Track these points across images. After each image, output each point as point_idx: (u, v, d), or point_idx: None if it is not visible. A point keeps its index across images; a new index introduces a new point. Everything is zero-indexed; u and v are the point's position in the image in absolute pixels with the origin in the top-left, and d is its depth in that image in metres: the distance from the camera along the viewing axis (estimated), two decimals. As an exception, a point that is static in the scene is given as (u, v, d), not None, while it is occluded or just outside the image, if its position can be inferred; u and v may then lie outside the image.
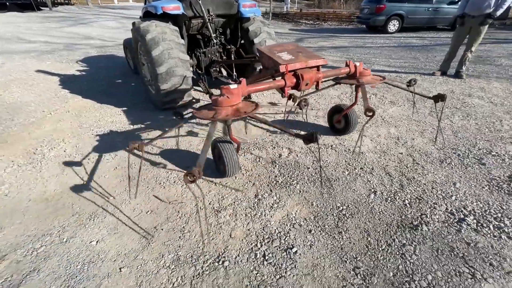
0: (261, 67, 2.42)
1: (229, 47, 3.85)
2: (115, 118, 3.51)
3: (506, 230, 1.71)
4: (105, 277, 1.49)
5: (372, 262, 1.54)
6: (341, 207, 1.96)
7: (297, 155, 2.63)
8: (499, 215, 1.83)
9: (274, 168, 2.44)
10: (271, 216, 1.90)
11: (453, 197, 2.00)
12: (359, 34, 11.53)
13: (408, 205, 1.96)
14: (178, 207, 2.01)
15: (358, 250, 1.62)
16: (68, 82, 4.88)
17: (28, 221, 1.90)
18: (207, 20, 3.53)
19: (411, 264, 1.52)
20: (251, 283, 1.45)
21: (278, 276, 1.48)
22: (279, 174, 2.35)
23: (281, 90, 2.17)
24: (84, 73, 5.52)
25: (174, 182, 2.29)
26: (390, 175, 2.28)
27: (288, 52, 2.26)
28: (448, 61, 5.03)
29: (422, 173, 2.30)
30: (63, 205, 2.05)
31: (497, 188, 2.08)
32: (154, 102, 3.65)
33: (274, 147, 2.77)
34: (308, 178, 2.28)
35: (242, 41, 4.08)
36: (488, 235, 1.68)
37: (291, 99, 2.64)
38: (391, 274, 1.47)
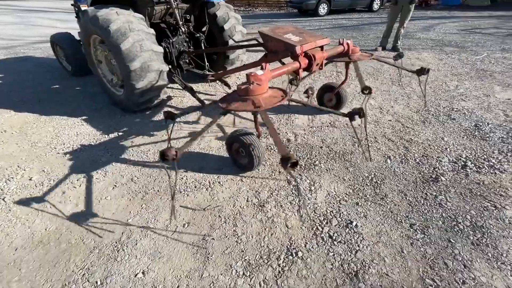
0: (266, 51, 2.31)
1: (198, 35, 3.55)
2: (78, 130, 2.91)
3: (496, 166, 2.12)
4: (179, 307, 1.28)
5: (421, 217, 1.72)
6: (370, 176, 2.10)
7: (304, 137, 2.67)
8: (485, 156, 2.25)
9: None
10: (315, 198, 1.91)
11: (448, 149, 2.36)
12: (293, 18, 12.05)
13: (420, 162, 2.22)
14: (216, 211, 1.84)
15: (405, 209, 1.78)
16: (-16, 95, 3.78)
17: (30, 274, 1.46)
18: (174, 6, 3.15)
19: (450, 209, 1.76)
20: (333, 264, 1.46)
21: (354, 251, 1.52)
22: (299, 158, 2.35)
23: (294, 73, 2.14)
24: (1, 81, 4.33)
25: (195, 187, 2.06)
26: (392, 141, 2.54)
27: (293, 33, 2.22)
28: (386, 37, 5.73)
29: (415, 134, 2.62)
30: (70, 243, 1.64)
31: (472, 136, 2.54)
32: (124, 105, 3.14)
33: (279, 134, 2.74)
34: (327, 156, 2.35)
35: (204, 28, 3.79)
36: (488, 174, 2.05)
37: (291, 83, 2.64)
38: (441, 222, 1.67)
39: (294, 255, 1.52)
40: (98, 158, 2.43)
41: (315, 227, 1.69)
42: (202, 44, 3.60)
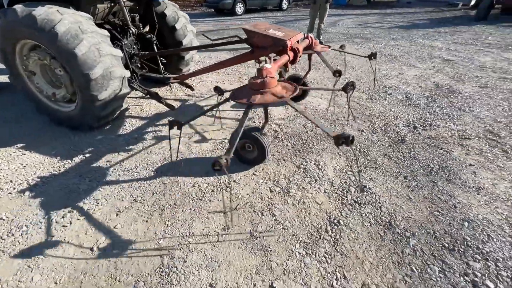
0: (252, 47, 2.35)
1: (149, 36, 3.25)
2: (23, 161, 2.30)
3: (432, 124, 2.81)
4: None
5: (408, 170, 2.17)
6: (357, 148, 2.47)
7: (287, 126, 2.86)
8: (423, 118, 2.95)
9: (283, 142, 2.59)
10: (327, 174, 2.14)
11: (398, 117, 2.98)
12: (211, 17, 12.08)
13: (385, 130, 2.73)
14: (248, 207, 1.84)
15: (395, 167, 2.20)
16: None
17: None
18: (123, 5, 2.80)
19: (422, 160, 2.27)
20: (370, 222, 1.71)
21: (379, 207, 1.82)
22: (293, 144, 2.53)
23: (284, 66, 2.29)
24: None
25: (213, 191, 1.98)
26: (357, 117, 3.01)
27: (273, 29, 2.35)
28: (310, 31, 6.50)
29: (371, 109, 3.18)
30: (100, 286, 1.36)
31: (408, 105, 3.27)
32: (78, 122, 2.63)
33: (263, 126, 2.85)
34: (315, 138, 2.62)
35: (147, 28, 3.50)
36: (431, 130, 2.71)
37: (280, 75, 2.79)
38: (422, 170, 2.16)
39: (337, 224, 1.70)
40: (75, 188, 2.01)
41: (340, 197, 1.92)
42: (155, 46, 3.32)
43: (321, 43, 6.23)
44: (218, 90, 2.39)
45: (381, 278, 1.39)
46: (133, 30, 3.09)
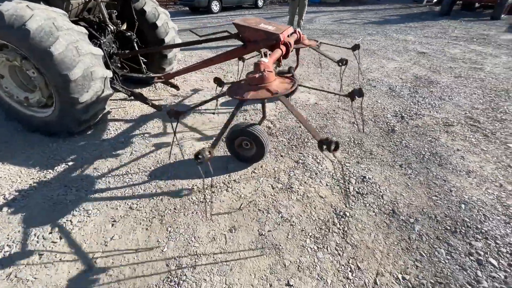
0: (243, 42, 2.27)
1: (129, 34, 3.07)
2: (-4, 174, 2.06)
3: (418, 113, 2.93)
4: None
5: (402, 158, 2.23)
6: (351, 140, 2.50)
7: (280, 122, 2.84)
8: (408, 108, 3.06)
9: (278, 138, 2.56)
10: (326, 167, 2.14)
11: (386, 108, 3.07)
12: (187, 16, 11.77)
13: (376, 121, 2.80)
14: (252, 206, 1.79)
15: (389, 156, 2.25)
16: None
17: None
18: (100, 0, 2.60)
19: (414, 148, 2.35)
20: (374, 211, 1.73)
21: (381, 196, 1.85)
22: (289, 140, 2.51)
23: (277, 60, 2.26)
24: None
25: (213, 193, 1.91)
26: (346, 110, 3.05)
27: (264, 23, 2.30)
28: (290, 28, 6.53)
29: (358, 101, 3.24)
30: (104, 304, 1.25)
31: (392, 96, 3.38)
32: (56, 127, 2.42)
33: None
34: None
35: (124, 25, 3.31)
36: (417, 119, 2.82)
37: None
38: (415, 158, 2.23)
39: (344, 216, 1.71)
40: (61, 199, 1.84)
41: (342, 189, 1.93)
42: (135, 44, 3.14)
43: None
44: (218, 82, 2.32)
45: (393, 266, 1.41)
46: (112, 27, 2.89)
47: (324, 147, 1.22)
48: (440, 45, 5.64)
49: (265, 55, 1.87)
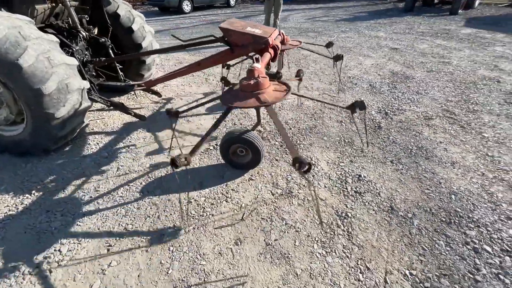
0: (230, 46, 2.20)
1: (103, 40, 2.87)
2: (-38, 205, 1.82)
3: (400, 108, 3.06)
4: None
5: (392, 154, 2.31)
6: (342, 139, 2.55)
7: (270, 124, 2.82)
8: (390, 103, 3.19)
9: (270, 141, 2.54)
10: (322, 168, 2.16)
11: (369, 105, 3.17)
12: (157, 17, 11.35)
13: (361, 119, 2.89)
14: (255, 215, 1.75)
15: (380, 153, 2.33)
16: None
17: None
18: (68, 5, 2.39)
19: (401, 143, 2.45)
20: (374, 209, 1.77)
21: (377, 194, 1.90)
22: (281, 143, 2.50)
23: (267, 64, 2.23)
24: None
25: (212, 204, 1.84)
26: (333, 109, 3.11)
27: (251, 26, 2.26)
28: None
29: (342, 100, 3.32)
30: None
31: (373, 92, 3.50)
32: (28, 146, 2.20)
33: (262, 131, 2.76)
34: (300, 134, 2.63)
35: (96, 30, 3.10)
36: (400, 114, 2.94)
37: None
38: (403, 153, 2.32)
39: (346, 217, 1.73)
40: (45, 227, 1.67)
41: (341, 190, 1.96)
42: (111, 51, 2.95)
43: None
44: (225, 81, 2.27)
45: (399, 263, 1.45)
46: (84, 34, 2.69)
47: (297, 165, 1.19)
48: (409, 40, 5.95)
49: (257, 60, 1.82)
